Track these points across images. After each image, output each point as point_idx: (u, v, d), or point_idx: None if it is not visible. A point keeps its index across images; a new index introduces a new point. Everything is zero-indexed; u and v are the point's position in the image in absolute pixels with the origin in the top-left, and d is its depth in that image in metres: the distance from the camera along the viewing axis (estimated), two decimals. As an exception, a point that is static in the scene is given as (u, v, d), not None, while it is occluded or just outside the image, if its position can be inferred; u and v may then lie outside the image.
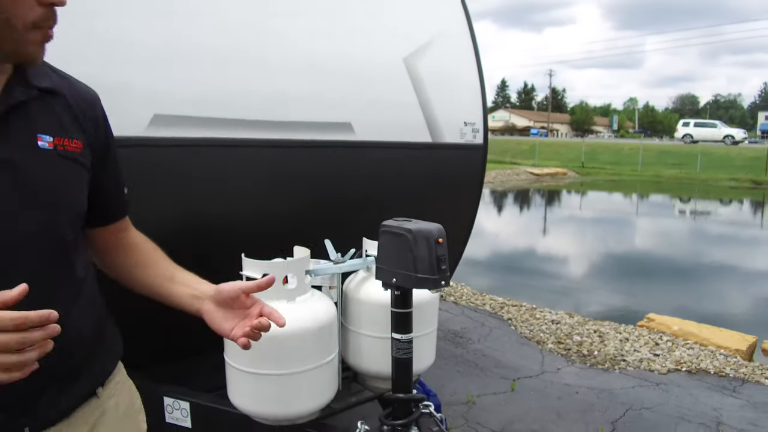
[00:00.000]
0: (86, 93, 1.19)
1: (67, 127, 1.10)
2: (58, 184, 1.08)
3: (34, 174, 1.03)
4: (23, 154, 1.02)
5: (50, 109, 1.09)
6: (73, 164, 1.10)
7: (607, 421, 3.49)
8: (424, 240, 1.62)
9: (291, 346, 1.75)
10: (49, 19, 1.01)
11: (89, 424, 1.16)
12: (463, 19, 3.41)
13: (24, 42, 1.00)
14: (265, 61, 2.39)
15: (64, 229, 1.10)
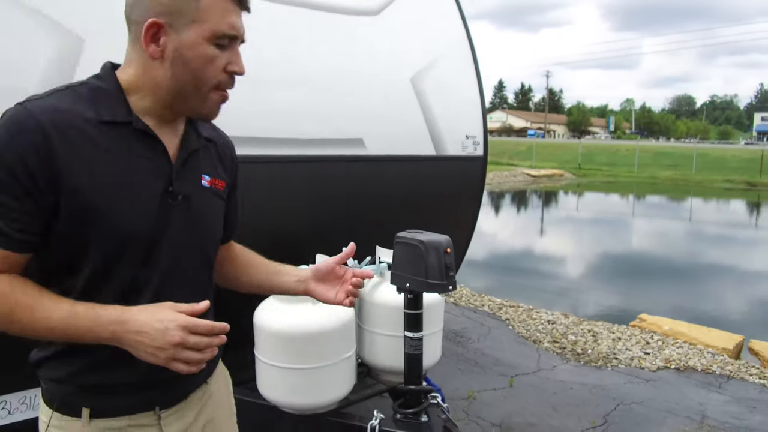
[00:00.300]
0: (228, 141, 1.42)
1: (217, 169, 1.32)
2: (210, 215, 1.30)
3: (197, 207, 1.24)
4: (194, 191, 1.23)
5: (209, 154, 1.31)
6: (219, 199, 1.32)
7: (599, 415, 3.72)
8: (435, 250, 1.86)
9: (315, 344, 1.98)
10: (228, 84, 1.19)
11: (200, 404, 1.37)
12: (465, 37, 3.64)
13: (206, 101, 1.18)
14: (284, 83, 2.62)
15: (210, 252, 1.32)
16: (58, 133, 1.05)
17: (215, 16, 1.13)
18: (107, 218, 1.10)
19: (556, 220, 17.45)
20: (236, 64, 1.18)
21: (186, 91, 1.16)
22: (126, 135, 1.14)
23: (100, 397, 1.20)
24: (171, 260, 1.20)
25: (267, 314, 2.02)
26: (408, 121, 3.12)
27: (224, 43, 1.15)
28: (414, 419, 2.04)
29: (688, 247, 13.18)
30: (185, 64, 1.14)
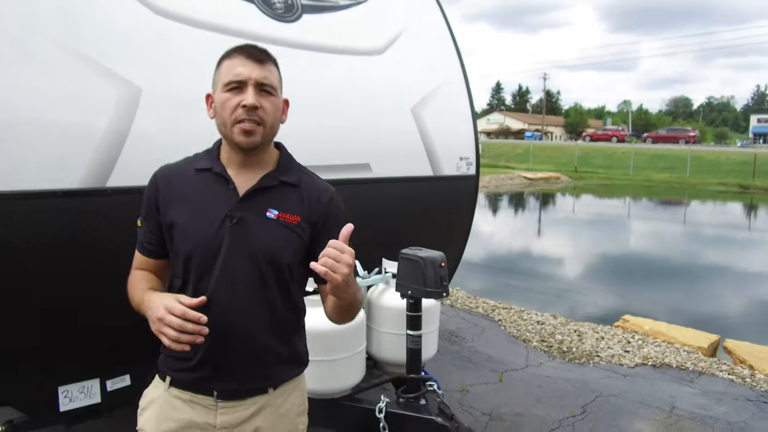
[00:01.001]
0: (319, 185, 1.74)
1: (292, 207, 1.64)
2: (268, 240, 1.60)
3: (254, 231, 1.59)
4: (253, 218, 1.59)
5: (285, 194, 1.65)
6: (287, 230, 1.62)
7: (579, 405, 4.16)
8: (431, 264, 2.30)
9: (332, 340, 2.42)
10: (244, 116, 1.55)
11: (253, 409, 1.65)
12: (459, 68, 4.08)
13: (233, 134, 1.57)
14: (306, 116, 3.06)
15: (266, 271, 1.60)
16: (164, 181, 1.66)
17: (226, 73, 1.58)
18: (183, 229, 1.59)
19: (550, 223, 17.89)
20: (245, 99, 1.54)
21: (223, 132, 1.61)
22: (209, 178, 1.63)
23: (176, 371, 1.64)
24: (225, 271, 1.57)
25: (294, 316, 2.46)
26: (409, 146, 3.56)
27: (235, 87, 1.55)
28: (414, 402, 2.48)
29: (679, 249, 13.62)
30: (216, 112, 1.61)
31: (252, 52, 1.60)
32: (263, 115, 1.57)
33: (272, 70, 1.64)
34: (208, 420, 1.63)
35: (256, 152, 1.64)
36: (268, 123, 1.60)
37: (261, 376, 1.67)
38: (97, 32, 2.49)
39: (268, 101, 1.60)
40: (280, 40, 3.04)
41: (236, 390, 1.65)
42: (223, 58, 1.63)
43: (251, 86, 1.56)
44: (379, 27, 3.64)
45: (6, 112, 2.20)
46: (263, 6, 3.06)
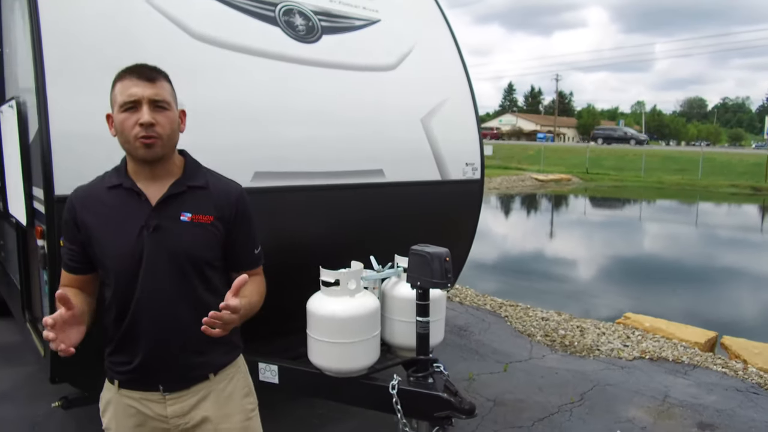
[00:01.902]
0: (226, 185, 1.89)
1: (203, 207, 1.78)
2: (188, 242, 1.74)
3: (172, 235, 1.73)
4: (168, 223, 1.73)
5: (195, 197, 1.79)
6: (201, 229, 1.77)
7: (577, 393, 4.48)
8: (437, 258, 2.64)
9: (352, 325, 2.76)
10: (142, 132, 1.65)
11: (199, 396, 1.82)
12: (465, 80, 4.42)
13: (135, 148, 1.68)
14: (326, 126, 3.41)
15: (188, 271, 1.75)
16: (79, 202, 1.78)
17: (120, 94, 1.68)
18: (103, 245, 1.73)
19: (561, 224, 18.13)
20: (141, 117, 1.65)
21: (126, 148, 1.72)
22: (121, 193, 1.76)
23: (120, 374, 1.81)
24: (148, 276, 1.71)
25: (318, 303, 2.81)
26: (418, 153, 3.90)
27: (130, 108, 1.66)
28: (423, 381, 2.82)
29: (690, 250, 13.82)
30: (117, 131, 1.71)
31: (143, 72, 1.70)
32: (160, 130, 1.68)
33: (163, 86, 1.73)
34: (160, 412, 1.79)
35: (161, 163, 1.75)
36: (165, 135, 1.70)
37: (199, 364, 1.82)
38: (145, 55, 2.85)
39: (163, 116, 1.69)
40: (303, 59, 3.40)
41: (179, 382, 1.81)
42: (117, 80, 1.72)
43: (145, 104, 1.66)
44: (391, 45, 3.98)
45: (69, 124, 2.57)
46: (288, 29, 3.41)
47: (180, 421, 1.82)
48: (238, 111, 3.08)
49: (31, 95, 2.72)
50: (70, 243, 1.79)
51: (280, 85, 3.28)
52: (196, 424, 1.83)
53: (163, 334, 1.74)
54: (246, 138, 3.07)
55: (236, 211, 1.86)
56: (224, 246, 1.84)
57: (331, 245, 3.40)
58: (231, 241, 1.85)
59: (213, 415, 1.84)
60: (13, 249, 3.95)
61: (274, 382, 3.11)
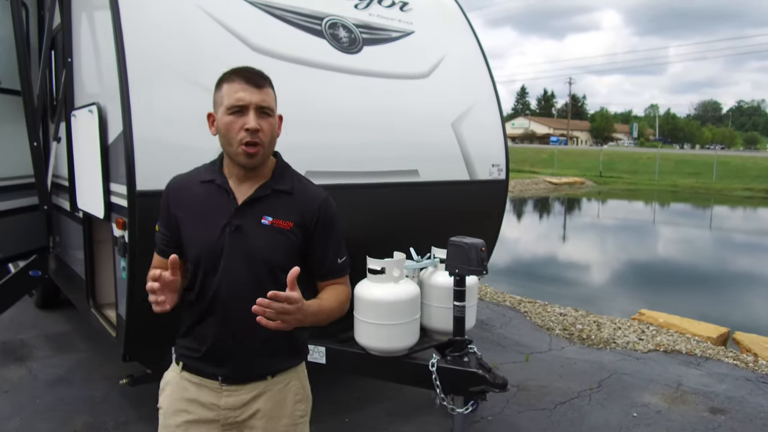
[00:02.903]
0: (311, 191, 1.87)
1: (285, 213, 1.78)
2: (264, 245, 1.75)
3: (250, 237, 1.74)
4: (250, 225, 1.75)
5: (279, 201, 1.79)
6: (280, 235, 1.77)
7: (595, 381, 4.76)
8: (474, 248, 2.95)
9: (396, 308, 3.08)
10: (247, 138, 1.67)
11: (254, 393, 1.83)
12: (491, 85, 4.73)
13: (236, 154, 1.70)
14: (364, 130, 3.74)
15: (262, 275, 1.74)
16: (174, 191, 1.84)
17: (228, 96, 1.69)
18: (189, 236, 1.79)
19: (575, 227, 18.34)
20: (247, 123, 1.66)
21: (227, 150, 1.74)
22: (212, 189, 1.79)
23: (187, 358, 1.85)
24: (226, 272, 1.74)
25: (365, 289, 3.14)
26: (449, 154, 4.22)
27: (237, 111, 1.67)
28: (459, 359, 3.13)
29: (704, 253, 13.97)
30: (220, 132, 1.73)
31: (251, 78, 1.71)
32: (263, 137, 1.70)
33: (269, 92, 1.75)
34: (214, 401, 1.82)
35: (257, 167, 1.78)
36: (266, 143, 1.72)
37: (260, 364, 1.84)
38: (211, 66, 3.19)
39: (267, 122, 1.71)
40: (347, 68, 3.73)
41: (238, 377, 1.83)
42: (223, 81, 1.74)
43: (252, 110, 1.68)
44: (424, 54, 4.31)
45: (148, 128, 2.92)
46: (333, 41, 3.75)
47: (230, 414, 1.84)
48: (293, 115, 3.39)
49: (113, 102, 3.07)
50: (164, 228, 1.86)
51: (328, 91, 3.61)
52: (244, 420, 1.85)
53: (232, 328, 1.77)
54: (299, 139, 3.39)
55: (317, 219, 1.84)
56: (304, 253, 1.84)
57: (371, 238, 3.72)
58: (311, 248, 1.85)
59: (262, 414, 1.86)
60: (74, 242, 4.30)
61: (321, 362, 3.43)
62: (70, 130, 3.81)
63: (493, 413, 4.12)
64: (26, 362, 4.90)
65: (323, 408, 4.12)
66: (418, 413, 4.06)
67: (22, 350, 5.16)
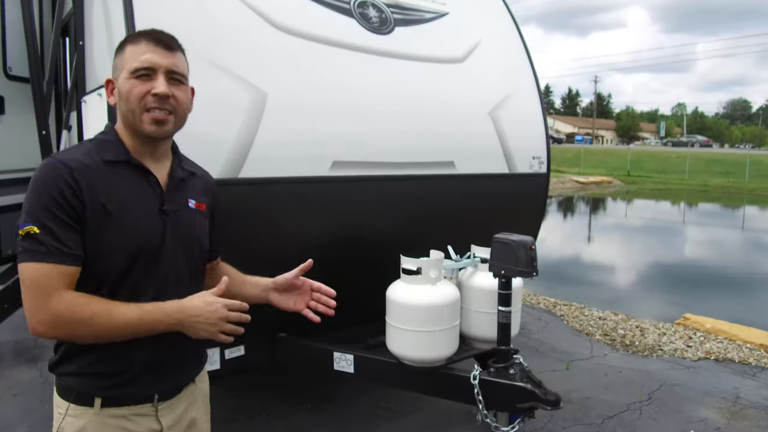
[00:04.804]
0: (209, 175, 1.78)
1: (199, 195, 1.67)
2: (197, 230, 1.63)
3: (186, 222, 1.59)
4: (182, 210, 1.58)
5: (193, 183, 1.66)
6: (203, 218, 1.66)
7: (645, 392, 4.38)
8: (523, 246, 2.62)
9: (434, 314, 2.75)
10: (155, 104, 1.46)
11: (189, 400, 1.66)
12: (531, 72, 4.38)
13: (142, 123, 1.47)
14: (398, 118, 3.42)
15: (198, 261, 1.64)
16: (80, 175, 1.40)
17: (131, 58, 1.47)
18: (120, 225, 1.43)
19: (604, 227, 17.84)
20: (156, 87, 1.45)
21: (130, 120, 1.49)
22: (128, 170, 1.50)
23: (108, 390, 1.48)
24: (167, 264, 1.52)
25: (399, 291, 2.81)
26: (487, 146, 3.88)
27: (143, 75, 1.46)
28: (504, 371, 2.79)
29: (737, 255, 13.45)
30: (121, 98, 1.49)
31: (160, 38, 1.51)
32: (175, 105, 1.50)
33: (181, 57, 1.55)
34: (152, 426, 1.55)
35: (165, 143, 1.58)
36: (179, 113, 1.53)
37: (194, 364, 1.69)
38: (227, 46, 2.90)
39: (180, 90, 1.52)
40: (379, 50, 3.41)
41: (176, 388, 1.62)
42: (127, 43, 1.52)
43: (162, 74, 1.47)
44: (460, 37, 3.97)
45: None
46: (362, 20, 3.43)
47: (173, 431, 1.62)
48: (318, 100, 3.11)
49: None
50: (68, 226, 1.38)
51: (358, 75, 3.30)
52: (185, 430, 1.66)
53: (175, 334, 1.48)
54: (324, 127, 3.09)
55: (215, 198, 1.77)
56: None
57: (404, 234, 3.40)
58: (213, 229, 1.77)
59: (198, 418, 1.71)
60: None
61: (349, 371, 3.12)
62: (81, 117, 3.56)
63: (535, 427, 3.77)
64: (38, 364, 4.68)
65: (349, 420, 3.82)
66: (456, 427, 3.73)
67: (34, 351, 4.95)
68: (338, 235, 3.16)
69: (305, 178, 2.98)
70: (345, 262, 3.21)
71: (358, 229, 3.24)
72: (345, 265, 3.22)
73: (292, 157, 2.96)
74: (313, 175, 3.02)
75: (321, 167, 3.06)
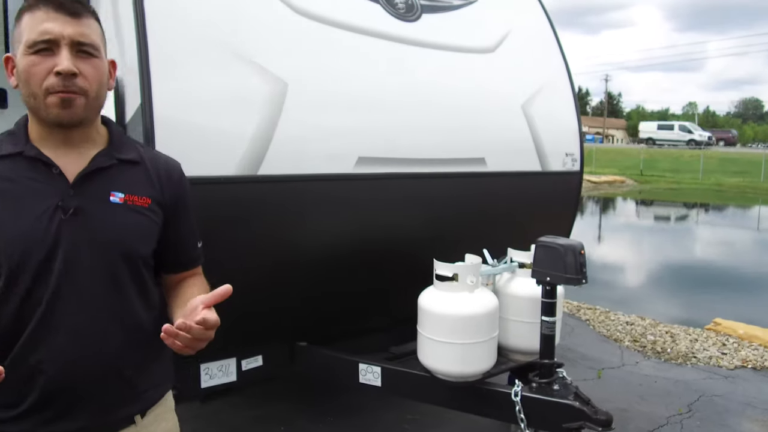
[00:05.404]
0: (166, 161, 1.47)
1: (139, 187, 1.36)
2: (120, 230, 1.31)
3: (100, 221, 1.28)
4: (94, 205, 1.28)
5: (129, 173, 1.36)
6: (138, 215, 1.34)
7: (684, 404, 4.12)
8: (572, 251, 2.37)
9: (472, 324, 2.51)
10: (58, 85, 1.21)
11: None
12: (563, 65, 4.12)
13: (45, 107, 1.23)
14: (426, 111, 3.18)
15: (119, 271, 1.31)
16: None
17: (30, 30, 1.22)
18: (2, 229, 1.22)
19: (619, 227, 17.52)
20: (59, 64, 1.20)
21: (32, 105, 1.25)
22: (21, 164, 1.27)
23: None
24: (66, 276, 1.24)
25: (433, 299, 2.57)
26: (519, 142, 3.63)
27: (44, 49, 1.21)
28: (547, 387, 2.55)
29: (757, 257, 13.12)
30: (21, 80, 1.25)
31: (63, 3, 1.24)
32: (84, 84, 1.24)
33: (91, 24, 1.29)
34: None
35: (80, 128, 1.30)
36: (91, 92, 1.26)
37: (125, 400, 1.35)
38: (242, 29, 2.66)
39: (89, 65, 1.26)
40: (404, 38, 3.17)
41: (93, 428, 1.31)
42: (24, 11, 1.26)
43: (65, 47, 1.22)
44: (490, 26, 3.73)
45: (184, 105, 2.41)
46: (387, 6, 3.19)
47: None
48: (342, 90, 2.87)
49: (130, 73, 2.56)
50: None
51: (384, 65, 3.06)
52: None
53: (80, 358, 1.25)
54: (349, 120, 2.86)
55: (179, 197, 1.45)
56: (161, 239, 1.41)
57: (431, 236, 3.17)
58: (172, 231, 1.44)
59: None
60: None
61: (376, 384, 2.89)
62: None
63: (571, 443, 3.51)
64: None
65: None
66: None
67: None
68: (362, 237, 2.93)
69: (330, 175, 2.74)
70: (369, 264, 2.99)
71: (383, 230, 3.00)
72: (369, 268, 3.00)
73: (315, 153, 2.72)
74: (338, 172, 2.79)
75: (346, 164, 2.82)
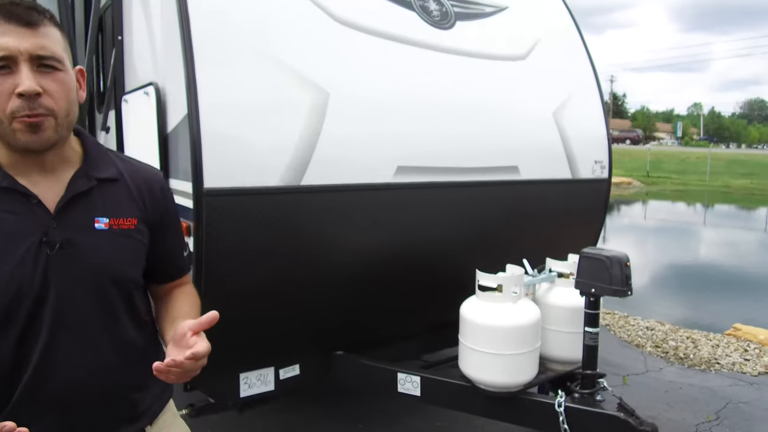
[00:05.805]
0: (146, 173, 1.38)
1: (122, 208, 1.28)
2: (111, 258, 1.25)
3: (89, 252, 1.21)
4: (80, 235, 1.21)
5: (109, 193, 1.28)
6: (126, 239, 1.28)
7: (712, 411, 4.11)
8: (618, 263, 2.37)
9: (517, 335, 2.51)
10: (23, 108, 1.11)
11: None
12: (591, 73, 4.12)
13: (14, 133, 1.12)
14: (459, 120, 3.18)
15: (113, 298, 1.27)
16: None
17: None
18: None
19: (627, 229, 17.48)
20: (20, 85, 1.10)
21: None
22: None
23: None
24: (59, 311, 1.19)
25: (476, 309, 2.57)
26: (551, 149, 3.63)
27: (2, 67, 1.11)
28: (590, 398, 2.55)
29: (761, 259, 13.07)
30: None
31: (13, 11, 1.12)
32: (50, 104, 1.14)
33: (50, 33, 1.16)
34: None
35: (54, 150, 1.21)
36: (60, 112, 1.16)
37: (132, 416, 1.34)
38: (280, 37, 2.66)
39: (54, 80, 1.15)
40: (440, 46, 3.18)
41: None
42: None
43: (24, 63, 1.11)
44: (521, 33, 3.73)
45: (230, 116, 2.41)
46: (423, 14, 3.19)
47: None
48: (381, 99, 2.88)
49: (174, 82, 2.57)
50: None
51: (420, 73, 3.06)
52: None
53: (83, 387, 1.23)
54: (387, 129, 2.86)
55: (164, 207, 1.39)
56: (149, 256, 1.36)
57: (467, 245, 3.17)
58: (161, 246, 1.38)
59: None
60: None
61: (414, 394, 2.89)
62: (120, 119, 3.34)
63: (603, 452, 3.51)
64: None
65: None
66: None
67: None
68: (400, 246, 2.93)
69: (370, 185, 2.75)
70: (407, 273, 2.99)
71: (422, 239, 3.01)
72: (408, 277, 3.00)
73: (356, 163, 2.73)
74: (378, 182, 2.79)
75: (385, 173, 2.82)
